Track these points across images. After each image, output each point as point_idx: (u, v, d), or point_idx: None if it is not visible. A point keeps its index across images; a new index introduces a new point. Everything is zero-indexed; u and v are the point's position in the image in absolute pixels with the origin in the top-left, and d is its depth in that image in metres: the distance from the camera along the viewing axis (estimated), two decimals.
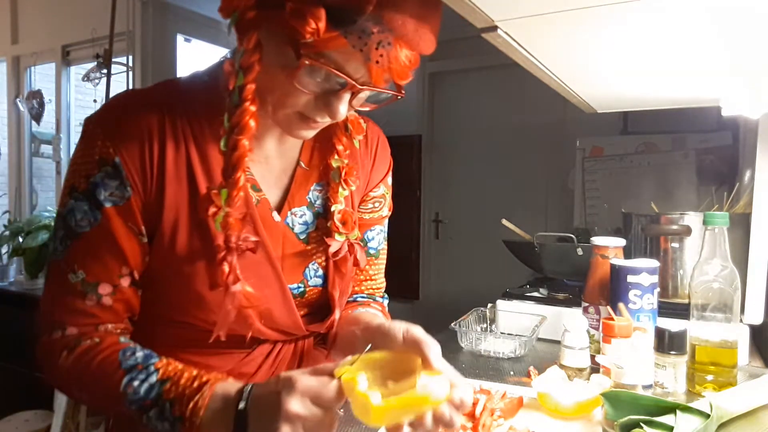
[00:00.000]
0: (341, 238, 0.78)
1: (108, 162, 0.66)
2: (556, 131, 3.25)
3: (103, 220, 0.67)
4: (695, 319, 0.94)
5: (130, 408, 0.62)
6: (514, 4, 0.59)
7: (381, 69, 0.59)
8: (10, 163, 3.66)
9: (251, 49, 0.61)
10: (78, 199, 0.67)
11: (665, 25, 0.66)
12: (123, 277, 0.69)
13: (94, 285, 0.68)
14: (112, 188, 0.67)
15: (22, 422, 2.57)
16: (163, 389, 0.61)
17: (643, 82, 1.02)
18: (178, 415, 0.60)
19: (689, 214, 1.21)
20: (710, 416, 0.72)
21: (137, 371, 0.63)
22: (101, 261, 0.68)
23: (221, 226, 0.67)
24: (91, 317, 0.69)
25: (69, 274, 0.67)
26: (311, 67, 0.60)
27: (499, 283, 1.66)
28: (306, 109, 0.65)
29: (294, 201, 0.78)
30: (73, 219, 0.67)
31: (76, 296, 0.68)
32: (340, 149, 0.79)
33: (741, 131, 2.11)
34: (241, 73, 0.62)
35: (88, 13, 3.10)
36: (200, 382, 0.61)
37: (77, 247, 0.67)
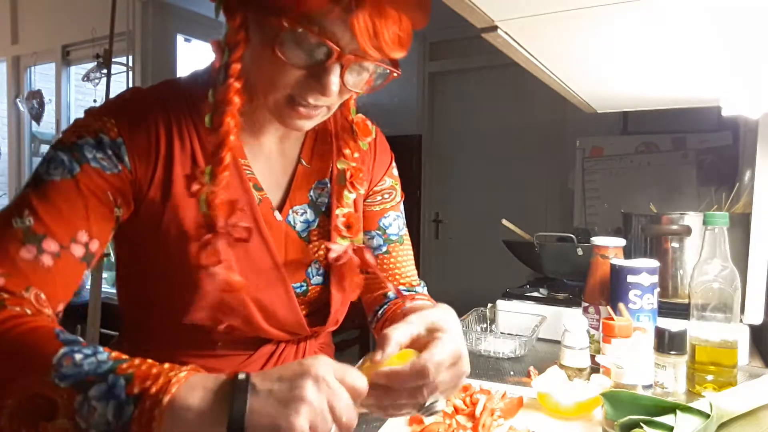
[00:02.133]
0: (344, 242, 0.77)
1: (108, 136, 0.62)
2: (556, 131, 3.25)
3: (80, 174, 0.60)
4: (695, 319, 0.94)
5: (59, 385, 0.46)
6: (514, 4, 0.59)
7: (367, 32, 0.56)
8: (10, 163, 3.67)
9: (236, 27, 0.61)
10: (60, 150, 0.62)
11: (665, 25, 0.66)
12: (76, 243, 0.60)
13: (39, 237, 0.57)
14: (103, 155, 0.62)
15: None
16: (117, 366, 0.48)
17: (643, 82, 1.02)
18: (137, 392, 0.45)
19: (689, 214, 1.21)
20: (710, 416, 0.72)
21: (80, 346, 0.50)
22: (59, 214, 0.59)
23: (206, 205, 0.64)
24: (22, 270, 0.56)
25: (14, 218, 0.58)
26: (294, 34, 0.57)
27: (499, 283, 1.66)
28: (296, 89, 0.62)
29: (295, 199, 0.76)
30: (45, 167, 0.61)
31: (11, 242, 0.57)
32: (347, 153, 0.78)
33: (741, 131, 2.11)
34: (227, 50, 0.62)
35: (88, 13, 3.11)
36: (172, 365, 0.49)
37: (36, 193, 0.59)
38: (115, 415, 0.45)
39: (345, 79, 0.62)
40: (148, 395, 0.45)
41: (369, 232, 0.86)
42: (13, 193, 3.65)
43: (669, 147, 2.71)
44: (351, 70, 0.62)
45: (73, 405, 0.46)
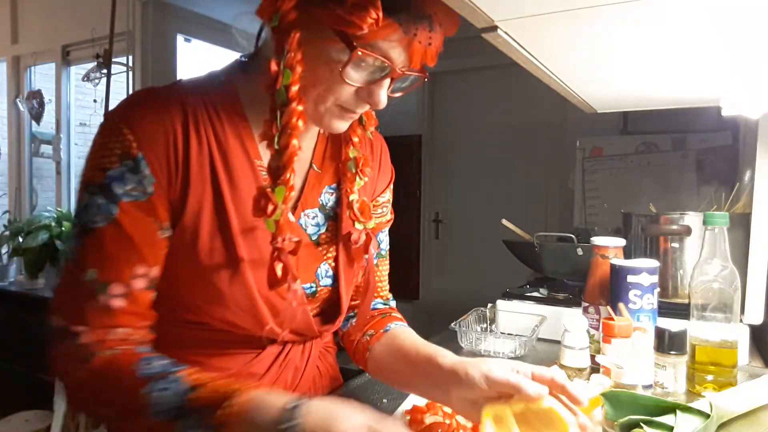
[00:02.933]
0: (360, 227, 0.80)
1: (130, 156, 0.65)
2: (556, 131, 3.25)
3: (119, 215, 0.64)
4: (695, 319, 0.94)
5: (157, 418, 0.58)
6: (514, 4, 0.59)
7: (420, 53, 0.64)
8: (10, 163, 3.66)
9: (295, 48, 0.63)
10: (93, 194, 0.65)
11: (665, 25, 0.66)
12: (136, 278, 0.66)
13: (105, 285, 0.64)
14: (133, 183, 0.65)
15: (22, 422, 2.57)
16: (190, 398, 0.58)
17: (643, 82, 1.02)
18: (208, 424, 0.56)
19: (689, 214, 1.21)
20: (710, 416, 0.72)
21: (159, 381, 0.59)
22: (114, 259, 0.64)
23: (274, 224, 0.66)
24: (102, 320, 0.65)
25: (80, 274, 0.64)
26: (360, 59, 0.63)
27: (499, 283, 1.66)
28: (347, 101, 0.68)
29: (307, 203, 0.79)
30: (86, 215, 0.65)
31: (87, 297, 0.64)
32: (356, 141, 0.81)
33: (741, 131, 2.11)
34: (288, 72, 0.63)
35: (88, 13, 3.11)
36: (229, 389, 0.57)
37: (90, 243, 0.64)
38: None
39: (391, 89, 0.68)
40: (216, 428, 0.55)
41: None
42: (13, 193, 3.65)
43: (669, 147, 2.71)
44: (396, 82, 0.68)
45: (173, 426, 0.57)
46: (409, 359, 0.78)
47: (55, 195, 3.52)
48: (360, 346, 0.87)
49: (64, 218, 3.19)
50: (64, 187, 3.48)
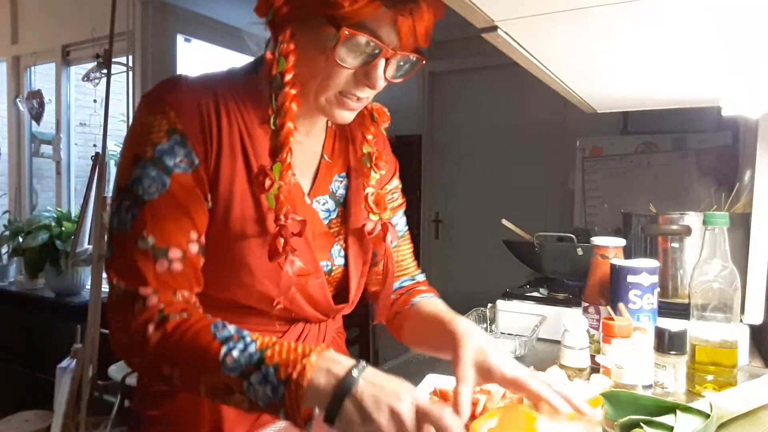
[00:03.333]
0: (374, 217, 0.86)
1: (176, 131, 0.70)
2: (556, 131, 3.25)
3: (172, 185, 0.69)
4: (695, 319, 0.94)
5: (230, 375, 0.62)
6: (514, 4, 0.59)
7: (408, 31, 0.67)
8: (10, 163, 3.66)
9: (288, 38, 0.69)
10: (145, 167, 0.69)
11: (665, 25, 0.66)
12: (191, 242, 0.71)
13: (164, 250, 0.69)
14: (181, 156, 0.70)
15: (22, 422, 2.57)
16: (265, 356, 0.62)
17: (643, 82, 1.02)
18: (284, 378, 0.60)
19: (689, 214, 1.21)
20: (710, 416, 0.72)
21: (234, 341, 0.64)
22: (170, 226, 0.69)
23: (274, 200, 0.71)
24: (166, 282, 0.69)
25: (139, 241, 0.68)
26: (349, 39, 0.66)
27: (499, 283, 1.66)
28: (347, 86, 0.72)
29: (318, 190, 0.84)
30: (140, 187, 0.69)
31: (147, 262, 0.68)
32: (369, 138, 0.87)
33: (741, 131, 2.11)
34: (282, 60, 0.69)
35: (88, 13, 3.11)
36: (304, 349, 0.62)
37: (145, 213, 0.69)
38: (272, 394, 0.61)
39: (388, 72, 0.71)
40: (292, 380, 0.60)
41: None
42: (13, 193, 3.65)
43: (669, 147, 2.71)
44: (391, 64, 0.71)
45: (243, 387, 0.62)
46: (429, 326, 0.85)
47: (55, 195, 3.52)
48: (395, 325, 0.94)
49: (64, 218, 3.18)
50: (64, 187, 3.47)
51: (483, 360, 0.72)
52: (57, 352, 2.55)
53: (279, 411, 0.61)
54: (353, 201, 0.87)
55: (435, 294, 0.96)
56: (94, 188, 2.63)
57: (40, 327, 3.16)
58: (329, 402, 0.59)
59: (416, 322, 0.89)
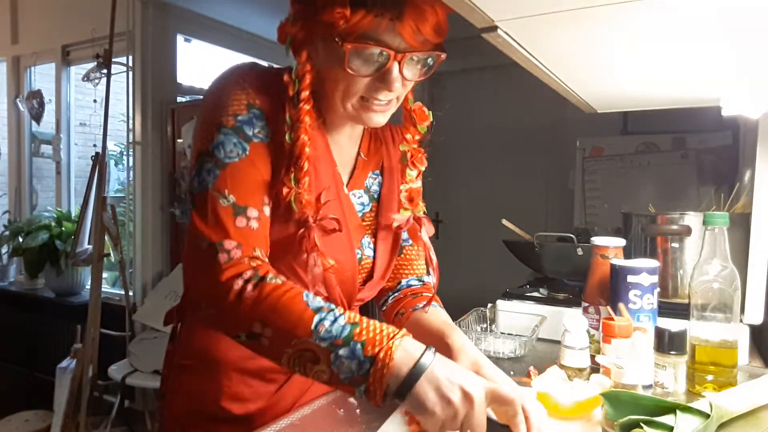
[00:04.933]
0: (406, 213, 0.93)
1: (255, 105, 0.78)
2: (556, 131, 3.24)
3: (251, 152, 0.76)
4: (695, 319, 0.94)
5: (320, 344, 0.66)
6: (514, 4, 0.59)
7: (412, 31, 0.71)
8: (10, 163, 3.66)
9: (303, 62, 0.77)
10: (227, 134, 0.76)
11: (667, 25, 0.66)
12: (265, 205, 0.78)
13: (243, 208, 0.75)
14: (259, 127, 0.78)
15: (22, 422, 2.57)
16: (354, 332, 0.66)
17: (644, 83, 1.02)
18: (370, 355, 0.65)
19: (689, 214, 1.21)
20: (710, 416, 0.72)
21: (325, 312, 0.68)
22: (248, 188, 0.76)
23: (296, 203, 0.78)
24: (246, 238, 0.74)
25: (220, 199, 0.74)
26: (356, 51, 0.72)
27: (499, 283, 1.66)
28: (367, 91, 0.77)
29: (355, 185, 0.92)
30: (222, 151, 0.75)
31: (229, 217, 0.74)
32: (408, 137, 0.94)
33: (741, 131, 2.11)
34: (297, 81, 0.77)
35: (88, 13, 3.10)
36: (389, 332, 0.67)
37: (226, 174, 0.75)
38: (357, 369, 0.65)
39: (404, 73, 0.76)
40: (378, 359, 0.65)
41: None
42: (13, 193, 3.64)
43: (669, 147, 2.70)
44: (407, 64, 0.76)
45: (329, 358, 0.66)
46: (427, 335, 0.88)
47: (55, 195, 3.52)
48: (395, 324, 0.95)
49: (64, 218, 3.19)
50: (64, 187, 3.47)
51: (477, 372, 0.75)
52: (57, 352, 2.55)
53: (359, 385, 0.65)
54: (386, 198, 0.94)
55: (438, 303, 0.99)
56: (94, 188, 2.63)
57: (40, 327, 3.16)
58: (405, 378, 0.64)
59: (415, 329, 0.91)
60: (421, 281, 1.04)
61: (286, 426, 0.81)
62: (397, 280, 1.03)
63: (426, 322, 0.92)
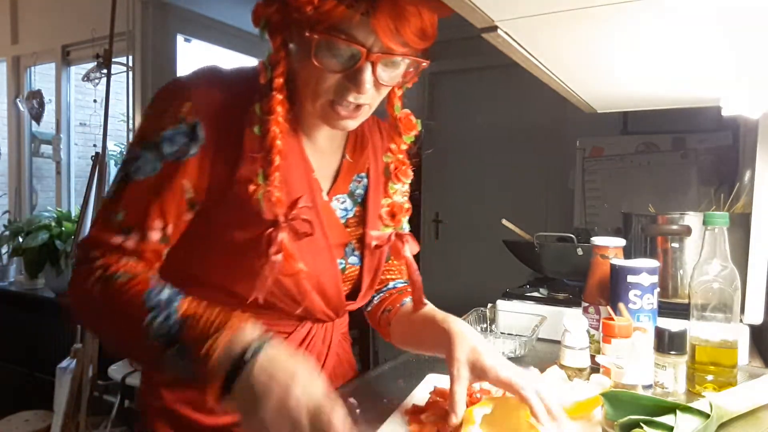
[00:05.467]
0: (386, 230, 0.86)
1: (186, 121, 0.71)
2: (556, 131, 3.25)
3: (160, 172, 0.71)
4: (695, 319, 0.94)
5: (156, 342, 0.63)
6: (514, 4, 0.59)
7: (388, 31, 0.64)
8: (10, 163, 3.66)
9: (277, 47, 0.71)
10: (145, 148, 0.71)
11: (667, 25, 0.66)
12: (153, 230, 0.73)
13: (127, 229, 0.72)
14: (180, 144, 0.71)
15: (22, 422, 2.57)
16: (182, 328, 0.63)
17: (644, 82, 1.02)
18: (195, 357, 0.61)
19: (689, 214, 1.21)
20: (710, 416, 0.72)
21: (158, 309, 0.64)
22: (141, 209, 0.72)
23: (264, 201, 0.71)
24: (117, 251, 0.72)
25: (112, 213, 0.72)
26: (326, 42, 0.66)
27: (499, 283, 1.66)
28: (336, 92, 0.71)
29: (338, 189, 0.86)
30: (134, 166, 0.72)
31: (111, 233, 0.71)
32: (393, 147, 0.87)
33: (741, 131, 2.11)
34: (269, 68, 0.71)
35: (88, 13, 3.11)
36: (219, 321, 0.62)
37: (126, 190, 0.72)
38: (187, 370, 0.62)
39: (378, 75, 0.69)
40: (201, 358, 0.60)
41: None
42: (13, 193, 3.64)
43: (669, 147, 2.71)
44: (384, 67, 0.70)
45: (164, 359, 0.63)
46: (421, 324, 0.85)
47: (55, 195, 3.52)
48: (382, 322, 0.95)
49: (64, 218, 3.18)
50: (64, 187, 3.47)
51: (477, 359, 0.73)
52: (57, 352, 2.55)
53: (198, 385, 0.61)
54: (371, 202, 0.88)
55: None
56: (94, 188, 2.63)
57: (40, 327, 3.16)
58: (223, 380, 0.59)
59: (407, 320, 0.90)
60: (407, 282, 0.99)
61: None
62: (384, 284, 0.99)
63: (418, 313, 0.87)
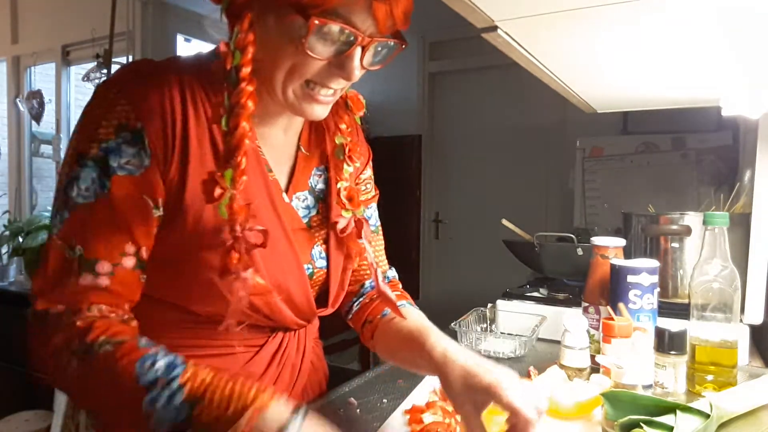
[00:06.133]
0: (347, 214, 0.79)
1: (128, 128, 0.62)
2: (556, 131, 3.25)
3: (112, 189, 0.61)
4: (695, 319, 0.94)
5: (161, 426, 0.55)
6: (514, 4, 0.59)
7: (385, 15, 0.59)
8: (10, 163, 3.66)
9: (245, 29, 0.61)
10: (86, 166, 0.61)
11: (667, 25, 0.66)
12: (126, 256, 0.63)
13: (92, 262, 0.61)
14: (129, 156, 0.62)
15: (22, 422, 2.57)
16: (193, 413, 0.55)
17: (644, 82, 1.02)
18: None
19: (689, 214, 1.21)
20: (710, 416, 0.72)
21: (159, 389, 0.55)
22: (103, 236, 0.61)
23: (226, 210, 0.62)
24: (86, 297, 0.61)
25: (66, 250, 0.61)
26: (321, 28, 0.59)
27: (499, 283, 1.66)
28: (319, 77, 0.64)
29: (298, 185, 0.78)
30: (76, 188, 0.61)
31: (69, 275, 0.60)
32: (343, 127, 0.79)
33: (741, 131, 2.11)
34: (237, 52, 0.61)
35: (88, 13, 3.11)
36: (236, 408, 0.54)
37: (77, 218, 0.61)
38: None
39: (365, 60, 0.64)
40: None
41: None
42: (13, 193, 3.65)
43: (669, 147, 2.71)
44: (369, 51, 0.64)
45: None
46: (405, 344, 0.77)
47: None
48: (365, 334, 0.87)
49: None
50: None
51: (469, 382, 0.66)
52: None
53: None
54: (332, 196, 0.80)
55: (406, 299, 0.89)
56: None
57: None
58: None
59: (390, 337, 0.82)
60: (386, 278, 0.93)
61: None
62: (360, 283, 0.91)
63: (397, 329, 0.79)
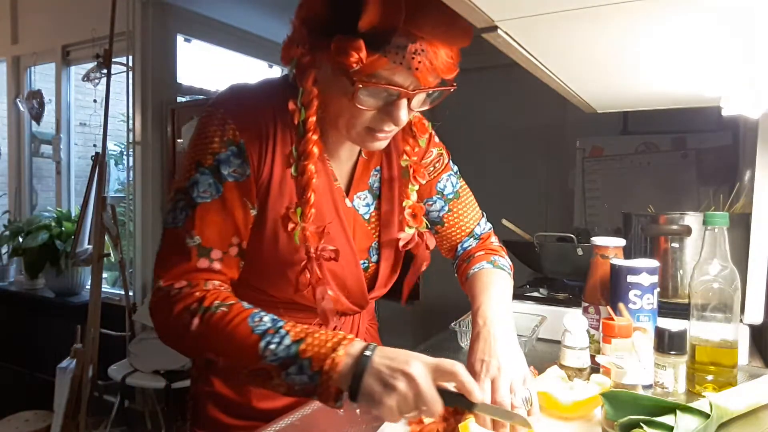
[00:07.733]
0: (411, 230, 0.92)
1: (234, 143, 0.78)
2: (556, 131, 3.24)
3: (224, 193, 0.77)
4: (695, 319, 0.94)
5: (270, 365, 0.68)
6: (514, 4, 0.59)
7: (426, 73, 0.70)
8: (10, 163, 3.66)
9: (309, 88, 0.75)
10: (203, 173, 0.77)
11: (667, 25, 0.66)
12: (232, 246, 0.79)
13: (208, 250, 0.77)
14: (236, 165, 0.78)
15: (22, 422, 2.57)
16: (299, 349, 0.68)
17: (645, 83, 1.02)
18: (317, 370, 0.66)
19: (689, 214, 1.21)
20: (710, 416, 0.72)
21: (270, 335, 0.69)
22: (216, 229, 0.77)
23: (299, 239, 0.78)
24: (202, 275, 0.76)
25: (186, 239, 0.76)
26: (365, 88, 0.71)
27: None
28: (373, 123, 0.77)
29: (358, 186, 0.92)
30: (196, 190, 0.77)
31: (191, 258, 0.76)
32: (408, 150, 0.92)
33: (741, 131, 2.11)
34: (303, 109, 0.76)
35: (88, 13, 3.10)
36: (335, 341, 0.68)
37: (197, 214, 0.76)
38: (308, 381, 0.67)
39: (412, 105, 0.76)
40: (324, 371, 0.66)
41: (429, 198, 1.03)
42: (13, 193, 3.64)
43: (669, 147, 2.70)
44: (416, 98, 0.76)
45: (281, 376, 0.68)
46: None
47: (55, 195, 3.52)
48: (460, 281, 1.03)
49: (64, 218, 3.18)
50: (64, 187, 3.47)
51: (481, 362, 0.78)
52: (57, 352, 2.55)
53: (313, 394, 0.68)
54: (386, 213, 0.94)
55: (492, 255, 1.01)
56: (94, 188, 2.63)
57: (40, 327, 3.16)
58: (352, 382, 0.65)
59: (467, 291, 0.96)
60: (476, 237, 1.07)
61: (286, 426, 0.81)
62: (454, 249, 1.07)
63: (468, 289, 0.95)
